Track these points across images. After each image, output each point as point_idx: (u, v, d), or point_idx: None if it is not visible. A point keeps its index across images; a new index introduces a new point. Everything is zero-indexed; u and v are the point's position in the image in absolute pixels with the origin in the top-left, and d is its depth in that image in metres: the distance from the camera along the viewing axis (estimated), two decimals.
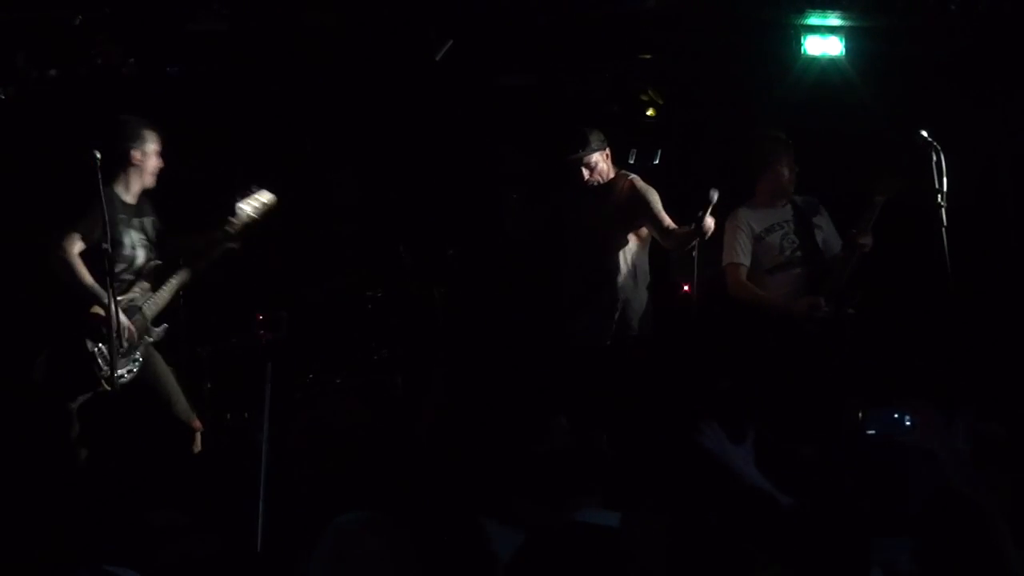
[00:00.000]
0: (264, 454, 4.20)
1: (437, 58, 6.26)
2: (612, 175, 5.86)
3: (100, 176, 4.87)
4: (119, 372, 5.04)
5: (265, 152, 6.76)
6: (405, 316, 6.66)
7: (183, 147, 5.87)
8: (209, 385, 6.10)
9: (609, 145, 5.85)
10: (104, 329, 4.94)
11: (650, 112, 7.08)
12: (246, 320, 6.15)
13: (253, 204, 5.40)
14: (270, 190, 5.44)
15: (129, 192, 5.24)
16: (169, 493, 5.02)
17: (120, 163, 5.18)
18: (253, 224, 5.40)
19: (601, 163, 5.81)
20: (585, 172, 5.76)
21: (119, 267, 5.08)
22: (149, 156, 5.23)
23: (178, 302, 5.76)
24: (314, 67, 6.51)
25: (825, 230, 5.86)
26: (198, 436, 5.36)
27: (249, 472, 4.37)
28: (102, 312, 4.95)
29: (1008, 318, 6.39)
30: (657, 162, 7.07)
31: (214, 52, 6.21)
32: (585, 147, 5.75)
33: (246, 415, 6.02)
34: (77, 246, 5.03)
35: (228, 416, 6.15)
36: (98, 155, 4.88)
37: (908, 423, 5.13)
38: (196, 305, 5.91)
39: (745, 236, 5.79)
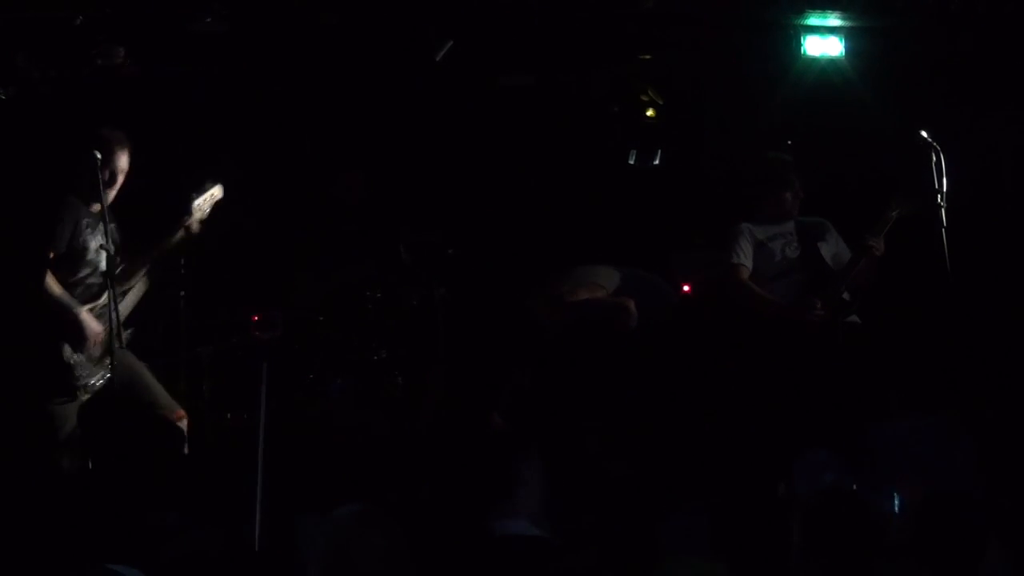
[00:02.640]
0: (261, 453, 4.20)
1: (437, 58, 6.27)
2: None
3: (100, 178, 4.86)
4: (94, 380, 5.05)
5: (264, 152, 6.76)
6: (405, 316, 6.65)
7: (183, 147, 5.87)
8: (209, 385, 6.10)
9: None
10: (80, 338, 4.98)
11: (650, 112, 7.08)
12: (244, 320, 6.15)
13: (207, 198, 5.40)
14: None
15: (91, 201, 5.18)
16: (169, 493, 5.02)
17: (81, 172, 5.13)
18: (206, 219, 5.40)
19: None
20: None
21: (85, 271, 5.09)
22: (111, 168, 5.17)
23: (178, 303, 5.76)
24: (314, 67, 6.51)
25: (833, 246, 5.84)
26: (183, 423, 5.36)
27: (249, 471, 4.38)
28: (78, 322, 4.98)
29: (1009, 318, 6.39)
30: (657, 162, 7.08)
31: (214, 52, 6.21)
32: None
33: (246, 415, 6.02)
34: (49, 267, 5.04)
35: (228, 416, 6.15)
36: (98, 156, 4.88)
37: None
38: (196, 305, 5.91)
39: (747, 241, 5.78)
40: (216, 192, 5.44)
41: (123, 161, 5.23)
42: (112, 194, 5.23)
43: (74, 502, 4.82)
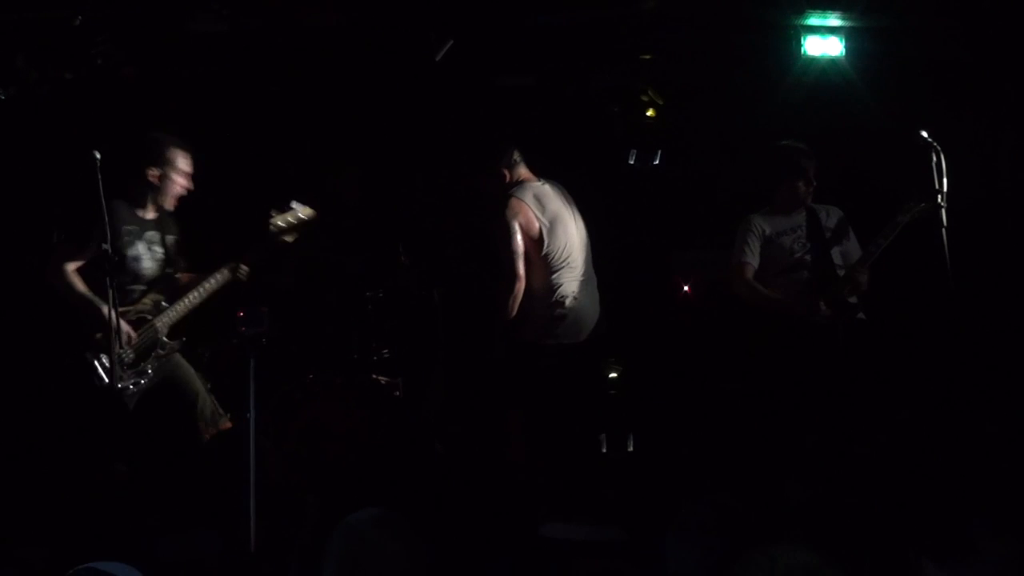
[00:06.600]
0: (252, 450, 4.21)
1: (437, 58, 6.27)
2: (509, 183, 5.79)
3: (100, 178, 4.86)
4: (126, 384, 5.06)
5: (265, 153, 6.76)
6: (405, 316, 6.65)
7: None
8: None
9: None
10: (104, 341, 4.95)
11: (650, 112, 7.08)
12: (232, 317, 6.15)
13: (288, 219, 5.45)
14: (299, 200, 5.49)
15: (142, 207, 5.27)
16: (169, 492, 5.03)
17: (135, 177, 5.22)
18: (287, 239, 5.47)
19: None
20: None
21: (124, 279, 5.09)
22: (169, 178, 5.26)
23: None
24: (314, 68, 6.51)
25: (844, 240, 5.82)
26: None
27: (245, 472, 4.39)
28: (104, 320, 4.94)
29: (1009, 319, 6.38)
30: (657, 162, 7.08)
31: (214, 52, 6.21)
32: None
33: (248, 415, 6.01)
34: (72, 262, 5.07)
35: (228, 416, 6.14)
36: (98, 156, 4.87)
37: None
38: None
39: (755, 238, 5.76)
40: (303, 213, 5.48)
41: (180, 163, 5.26)
42: (170, 199, 5.28)
43: (75, 502, 4.83)
